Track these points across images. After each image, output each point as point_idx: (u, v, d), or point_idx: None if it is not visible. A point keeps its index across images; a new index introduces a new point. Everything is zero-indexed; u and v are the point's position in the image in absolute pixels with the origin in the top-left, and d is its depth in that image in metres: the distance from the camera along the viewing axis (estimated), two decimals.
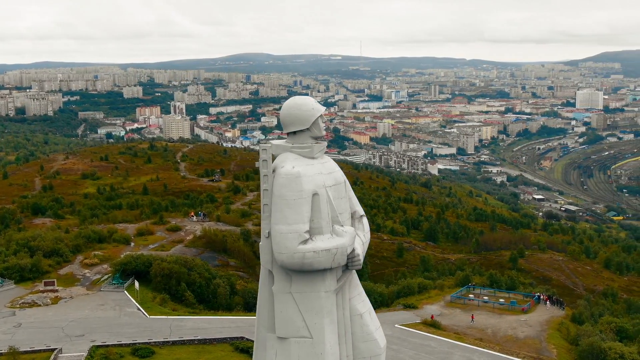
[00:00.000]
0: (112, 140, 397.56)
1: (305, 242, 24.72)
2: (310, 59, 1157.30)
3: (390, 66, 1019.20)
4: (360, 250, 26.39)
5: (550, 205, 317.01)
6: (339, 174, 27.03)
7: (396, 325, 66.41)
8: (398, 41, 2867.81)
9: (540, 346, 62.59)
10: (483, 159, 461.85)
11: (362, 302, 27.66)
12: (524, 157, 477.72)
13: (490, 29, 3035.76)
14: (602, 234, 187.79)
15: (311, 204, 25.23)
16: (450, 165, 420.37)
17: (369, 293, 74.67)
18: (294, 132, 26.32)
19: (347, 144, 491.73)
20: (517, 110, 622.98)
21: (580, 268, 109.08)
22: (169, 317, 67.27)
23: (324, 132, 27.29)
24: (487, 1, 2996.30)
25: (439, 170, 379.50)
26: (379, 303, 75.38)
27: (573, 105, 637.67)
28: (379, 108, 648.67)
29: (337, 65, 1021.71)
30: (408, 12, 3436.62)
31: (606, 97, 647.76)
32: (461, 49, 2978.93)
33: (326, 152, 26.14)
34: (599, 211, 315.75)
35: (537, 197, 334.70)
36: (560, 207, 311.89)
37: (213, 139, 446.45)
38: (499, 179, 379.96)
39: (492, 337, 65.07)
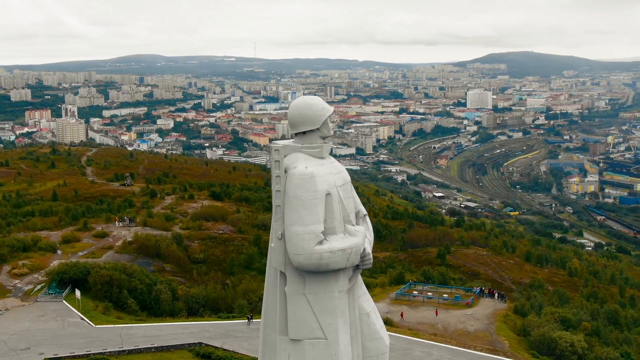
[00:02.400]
0: (1, 145, 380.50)
1: (321, 242, 24.61)
2: (203, 60, 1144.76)
3: (285, 67, 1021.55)
4: (370, 249, 26.53)
5: (450, 202, 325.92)
6: (346, 174, 27.19)
7: None
8: (291, 43, 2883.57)
9: (492, 338, 64.25)
10: (382, 158, 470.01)
11: (367, 300, 27.86)
12: (420, 156, 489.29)
13: (381, 30, 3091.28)
14: (503, 228, 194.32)
15: (324, 204, 25.18)
16: (350, 165, 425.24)
17: None
18: (303, 132, 26.16)
19: (246, 145, 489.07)
20: (411, 110, 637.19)
21: (505, 262, 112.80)
22: (116, 325, 65.18)
23: (332, 132, 27.33)
24: (378, 4, 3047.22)
25: None
26: None
27: (464, 105, 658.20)
28: (277, 109, 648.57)
29: (232, 67, 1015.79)
30: (300, 14, 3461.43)
31: (494, 97, 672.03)
32: (354, 51, 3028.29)
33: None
34: (496, 207, 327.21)
35: (437, 194, 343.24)
36: (460, 204, 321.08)
37: (109, 142, 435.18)
38: (399, 178, 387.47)
39: (445, 331, 66.33)
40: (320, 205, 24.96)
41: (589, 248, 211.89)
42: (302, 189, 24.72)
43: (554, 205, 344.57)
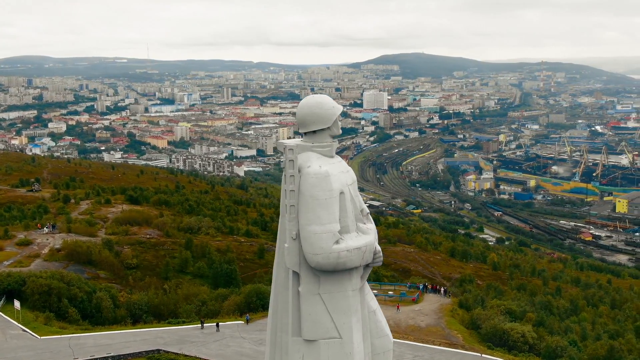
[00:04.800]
0: None
1: (337, 241, 24.77)
2: (94, 61, 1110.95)
3: (179, 69, 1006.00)
4: (379, 247, 26.88)
5: None
6: (352, 173, 27.55)
7: None
8: (185, 44, 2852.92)
9: (445, 332, 65.49)
10: (283, 159, 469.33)
11: (372, 299, 28.19)
12: None
13: (275, 32, 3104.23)
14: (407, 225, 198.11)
15: (339, 203, 25.34)
16: (252, 166, 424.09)
17: (264, 296, 74.34)
18: (313, 131, 26.24)
19: (144, 148, 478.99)
20: None
21: (432, 258, 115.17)
22: (62, 336, 62.56)
23: (341, 131, 27.52)
24: (272, 5, 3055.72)
25: (245, 172, 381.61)
26: None
27: (361, 105, 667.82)
28: (173, 111, 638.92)
29: (124, 69, 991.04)
30: (193, 15, 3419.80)
31: (389, 97, 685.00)
32: (248, 52, 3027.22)
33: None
34: (399, 205, 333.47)
35: None
36: (365, 202, 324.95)
37: None
38: None
39: (397, 328, 66.98)
40: (336, 204, 25.07)
41: (492, 243, 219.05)
42: (318, 188, 24.73)
43: (453, 202, 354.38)
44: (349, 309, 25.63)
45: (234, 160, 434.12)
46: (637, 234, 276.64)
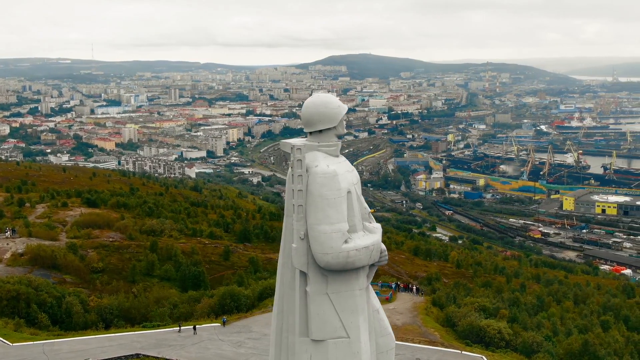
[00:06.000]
0: None
1: (346, 241, 24.89)
2: (36, 62, 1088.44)
3: (125, 70, 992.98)
4: (383, 245, 27.04)
5: None
6: (356, 172, 27.65)
7: None
8: (130, 45, 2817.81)
9: (422, 331, 65.87)
10: (233, 160, 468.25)
11: (375, 298, 28.34)
12: (272, 158, 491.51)
13: (222, 33, 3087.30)
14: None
15: (346, 202, 25.47)
16: (203, 168, 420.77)
17: (238, 298, 73.80)
18: (319, 131, 26.32)
19: (91, 150, 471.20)
20: (258, 112, 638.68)
21: (397, 257, 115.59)
22: (36, 342, 60.95)
23: (346, 130, 27.68)
24: (219, 6, 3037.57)
25: (197, 174, 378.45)
26: (249, 306, 74.24)
27: None
28: (120, 113, 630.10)
29: (68, 70, 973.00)
30: (138, 16, 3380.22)
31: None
32: (195, 53, 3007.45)
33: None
34: None
35: None
36: None
37: None
38: (255, 180, 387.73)
39: None
40: (344, 203, 25.18)
41: (446, 241, 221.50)
42: (327, 188, 24.79)
43: (404, 202, 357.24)
44: (357, 308, 25.75)
45: (185, 162, 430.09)
46: (584, 231, 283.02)
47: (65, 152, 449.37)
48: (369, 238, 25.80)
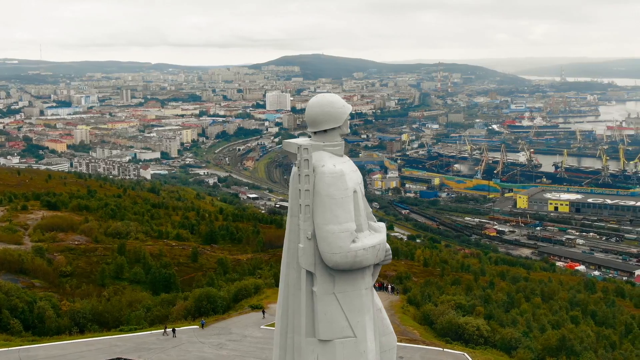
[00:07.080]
0: None
1: (354, 240, 25.03)
2: None
3: (74, 70, 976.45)
4: (387, 244, 27.22)
5: (265, 202, 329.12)
6: (359, 172, 27.76)
7: (262, 327, 65.70)
8: (79, 45, 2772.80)
9: (401, 329, 66.00)
10: (188, 162, 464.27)
11: (377, 297, 28.47)
12: (227, 158, 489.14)
13: (174, 33, 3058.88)
14: None
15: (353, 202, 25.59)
16: (158, 169, 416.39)
17: (214, 300, 73.15)
18: (324, 131, 26.45)
19: (42, 152, 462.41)
20: (212, 113, 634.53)
21: None
22: (10, 348, 59.61)
23: (349, 130, 27.88)
24: (170, 6, 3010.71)
25: (152, 175, 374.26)
26: (225, 307, 73.62)
27: (263, 106, 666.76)
28: (70, 114, 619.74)
29: (15, 70, 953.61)
30: (87, 15, 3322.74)
31: (292, 98, 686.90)
32: (145, 53, 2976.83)
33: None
34: None
35: (251, 196, 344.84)
36: (275, 204, 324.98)
37: None
38: (211, 181, 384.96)
39: None
40: (351, 203, 25.26)
41: (405, 240, 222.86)
42: (334, 187, 24.83)
43: None
44: (363, 307, 25.76)
45: (139, 163, 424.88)
46: (538, 228, 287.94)
47: (15, 154, 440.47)
48: (375, 237, 25.84)
